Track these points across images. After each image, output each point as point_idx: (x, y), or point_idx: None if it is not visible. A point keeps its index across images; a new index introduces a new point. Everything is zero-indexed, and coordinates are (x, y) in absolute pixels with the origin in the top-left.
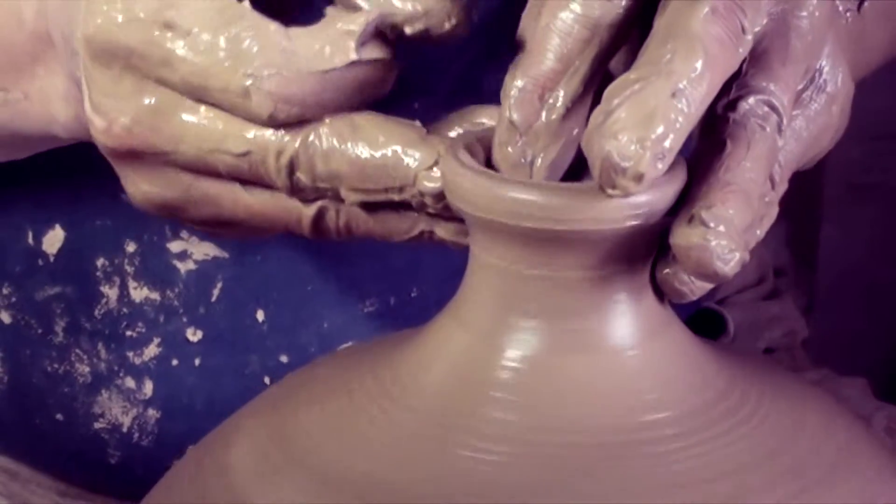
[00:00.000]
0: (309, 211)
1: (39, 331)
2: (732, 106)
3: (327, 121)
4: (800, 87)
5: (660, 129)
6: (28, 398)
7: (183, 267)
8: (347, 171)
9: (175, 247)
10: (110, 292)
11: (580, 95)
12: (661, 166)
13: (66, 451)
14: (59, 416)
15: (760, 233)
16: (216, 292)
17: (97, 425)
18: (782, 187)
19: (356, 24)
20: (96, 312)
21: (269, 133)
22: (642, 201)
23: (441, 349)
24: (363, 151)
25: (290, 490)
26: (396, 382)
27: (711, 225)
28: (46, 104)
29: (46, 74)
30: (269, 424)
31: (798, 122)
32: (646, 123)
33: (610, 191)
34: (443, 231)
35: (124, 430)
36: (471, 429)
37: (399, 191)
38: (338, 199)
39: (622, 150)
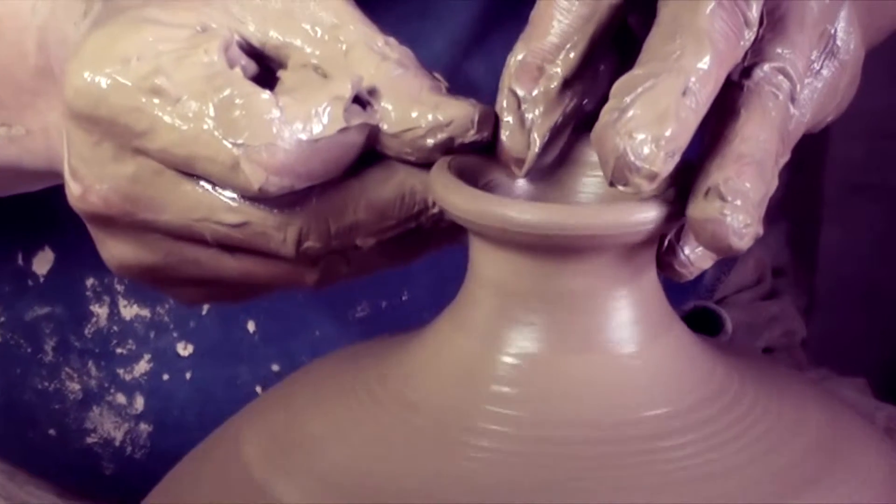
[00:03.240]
0: (313, 272)
1: (29, 350)
2: (747, 73)
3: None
4: (814, 52)
5: (672, 128)
6: (20, 415)
7: None
8: (365, 217)
9: None
10: (100, 311)
11: (578, 69)
12: (672, 163)
13: (60, 464)
14: (51, 432)
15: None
16: (206, 305)
17: (89, 440)
18: (784, 158)
19: (343, 89)
20: (86, 331)
21: (267, 204)
22: (646, 217)
23: (442, 351)
24: (376, 192)
25: (294, 492)
26: (398, 385)
27: (728, 199)
28: (48, 140)
29: (47, 109)
30: (272, 428)
31: (806, 90)
32: (660, 122)
33: (621, 188)
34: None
35: (117, 444)
36: (472, 430)
37: (416, 218)
38: (348, 249)
39: (637, 150)
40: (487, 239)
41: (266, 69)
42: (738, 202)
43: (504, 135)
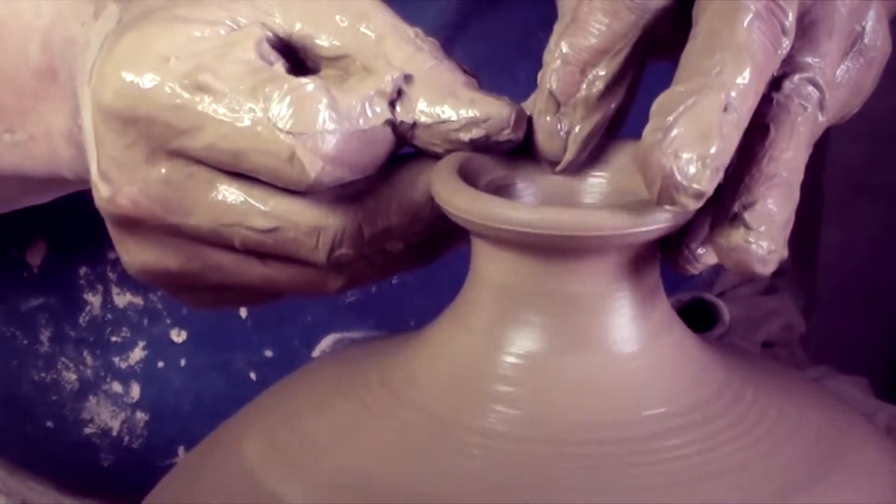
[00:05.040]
0: (338, 279)
1: (25, 341)
2: (777, 85)
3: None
4: (842, 54)
5: (717, 146)
6: (18, 408)
7: None
8: (398, 222)
9: None
10: (94, 300)
11: (619, 75)
12: (717, 180)
13: (59, 457)
14: (49, 424)
15: None
16: None
17: (87, 430)
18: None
19: (386, 83)
20: (81, 320)
21: (301, 209)
22: (648, 220)
23: (444, 351)
24: (407, 195)
25: (298, 494)
26: (400, 385)
27: (753, 227)
28: (51, 144)
29: (50, 112)
30: (271, 430)
31: (832, 90)
32: (704, 141)
33: (669, 207)
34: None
35: (114, 434)
36: (473, 429)
37: (444, 219)
38: (376, 254)
39: (684, 169)
40: (489, 239)
41: (294, 64)
42: (763, 228)
43: (540, 136)
